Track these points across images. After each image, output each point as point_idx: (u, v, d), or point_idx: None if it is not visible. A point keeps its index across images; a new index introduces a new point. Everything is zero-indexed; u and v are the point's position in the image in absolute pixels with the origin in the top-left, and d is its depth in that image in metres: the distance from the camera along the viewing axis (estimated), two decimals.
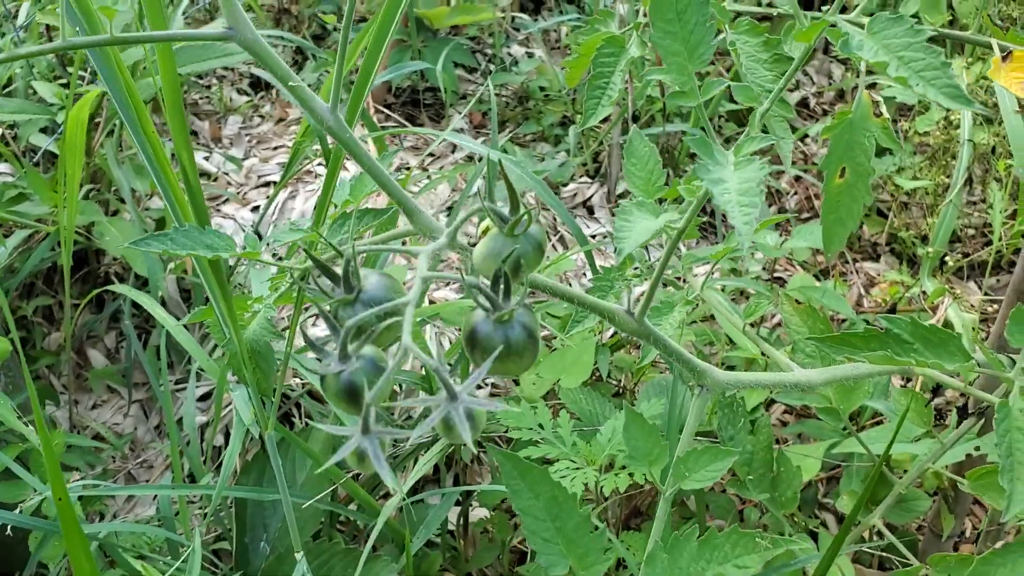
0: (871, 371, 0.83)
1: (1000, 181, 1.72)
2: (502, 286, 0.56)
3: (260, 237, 1.97)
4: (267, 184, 2.10)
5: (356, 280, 0.59)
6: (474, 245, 0.62)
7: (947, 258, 1.70)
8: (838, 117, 1.00)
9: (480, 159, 2.31)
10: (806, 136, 2.30)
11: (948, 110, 1.83)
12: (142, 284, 1.74)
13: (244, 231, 1.97)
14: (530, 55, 2.49)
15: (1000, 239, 1.68)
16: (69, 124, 1.19)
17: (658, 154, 0.77)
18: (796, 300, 1.24)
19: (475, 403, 0.49)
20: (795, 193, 2.22)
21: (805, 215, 2.21)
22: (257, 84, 2.41)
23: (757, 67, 0.84)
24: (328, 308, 0.59)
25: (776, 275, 2.07)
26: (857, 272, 2.10)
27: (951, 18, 2.09)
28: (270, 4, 2.47)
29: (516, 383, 1.65)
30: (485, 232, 0.62)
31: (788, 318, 1.25)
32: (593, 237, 2.14)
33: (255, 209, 2.02)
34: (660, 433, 0.89)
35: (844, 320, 1.80)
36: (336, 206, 0.84)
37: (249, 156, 2.17)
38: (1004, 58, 1.02)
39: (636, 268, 1.06)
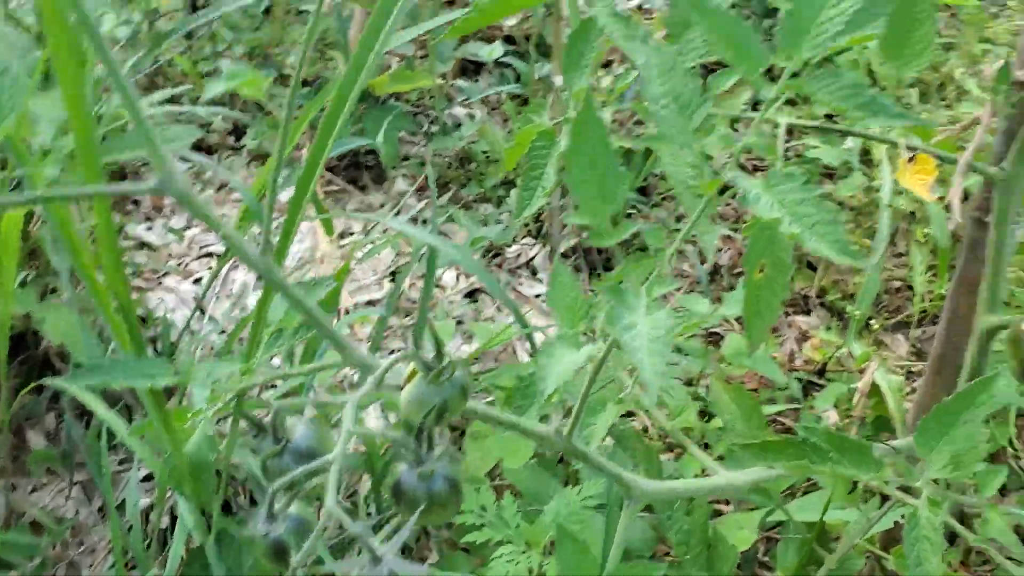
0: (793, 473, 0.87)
1: (920, 242, 1.79)
2: (426, 436, 0.59)
3: (203, 311, 1.97)
4: (209, 255, 2.10)
5: (283, 432, 0.61)
6: (401, 388, 0.64)
7: (872, 320, 1.77)
8: (757, 224, 1.05)
9: (424, 221, 2.34)
10: (735, 193, 2.37)
11: (870, 176, 1.91)
12: None
13: (186, 305, 1.97)
14: (471, 116, 2.53)
15: (922, 299, 1.75)
16: (3, 225, 1.19)
17: (579, 283, 0.80)
18: (726, 378, 1.29)
19: (398, 566, 0.52)
20: (728, 249, 2.28)
21: (738, 270, 2.27)
22: (198, 151, 2.41)
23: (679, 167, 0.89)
24: (257, 459, 0.61)
25: (712, 330, 2.13)
26: (789, 326, 2.16)
27: (871, 83, 2.18)
28: None
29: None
30: (412, 376, 0.64)
31: (718, 396, 1.29)
32: (537, 296, 2.18)
33: (197, 281, 2.02)
34: (592, 549, 0.92)
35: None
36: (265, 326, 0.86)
37: (191, 226, 2.17)
38: (910, 160, 1.09)
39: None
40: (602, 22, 0.94)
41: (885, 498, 1.21)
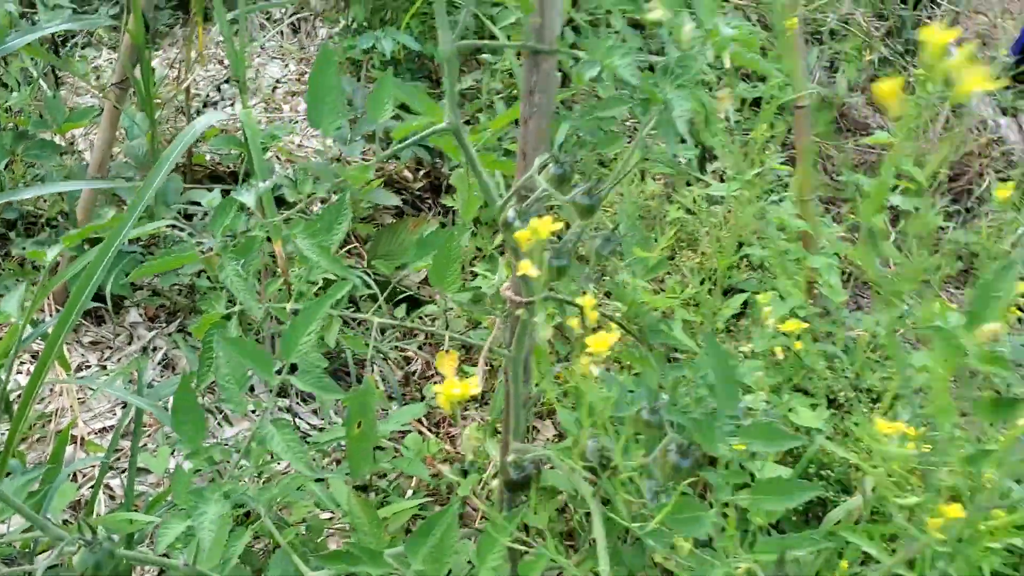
0: None
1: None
2: None
3: None
4: None
5: None
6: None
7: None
8: (352, 398, 1.58)
9: (155, 348, 2.72)
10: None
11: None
12: None
13: None
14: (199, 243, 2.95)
15: None
16: None
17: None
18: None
19: None
20: (417, 359, 2.84)
21: (429, 374, 2.83)
22: None
23: None
24: None
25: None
26: (465, 417, 2.74)
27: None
28: None
29: None
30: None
31: (352, 507, 1.80)
32: (253, 412, 2.62)
33: None
34: None
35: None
36: None
37: None
38: (446, 352, 1.66)
39: None
40: (227, 283, 1.44)
41: None
